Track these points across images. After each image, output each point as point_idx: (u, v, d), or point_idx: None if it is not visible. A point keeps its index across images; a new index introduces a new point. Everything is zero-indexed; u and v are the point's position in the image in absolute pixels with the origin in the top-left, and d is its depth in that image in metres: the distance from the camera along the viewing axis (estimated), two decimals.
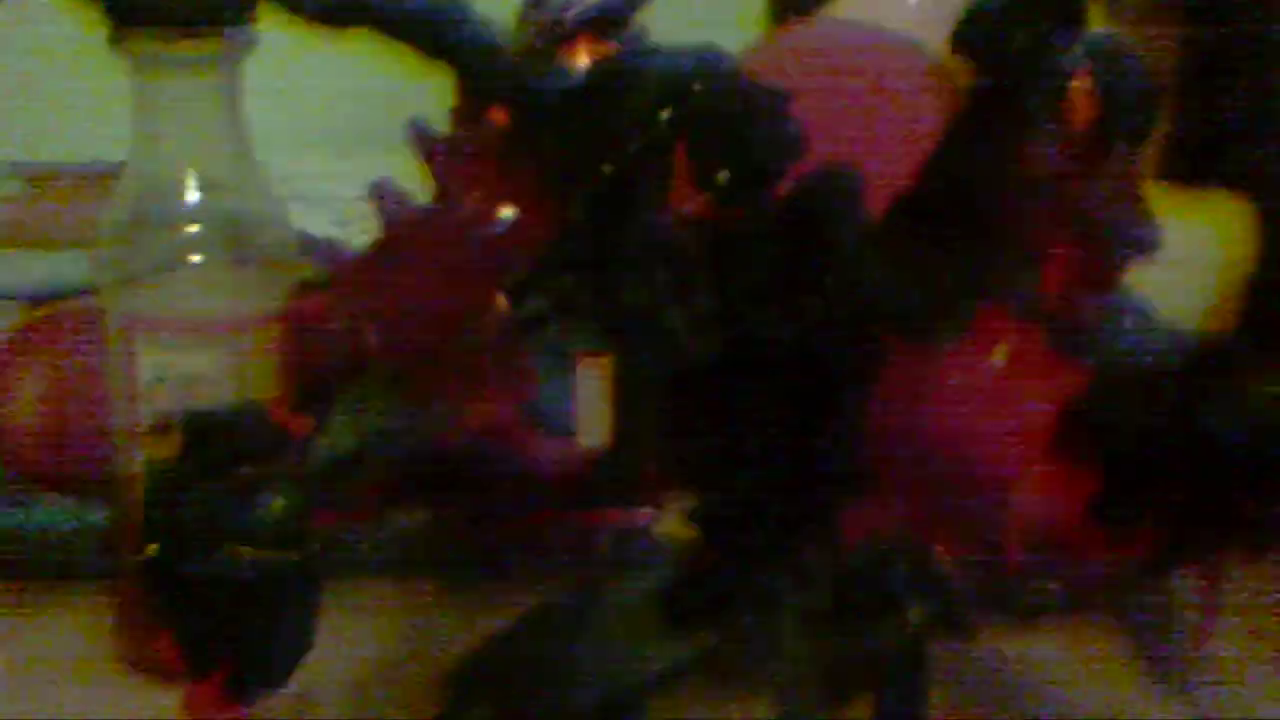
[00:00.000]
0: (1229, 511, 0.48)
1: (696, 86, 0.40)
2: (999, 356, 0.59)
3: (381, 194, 0.41)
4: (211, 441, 0.43)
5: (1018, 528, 0.51)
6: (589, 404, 0.68)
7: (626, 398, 0.69)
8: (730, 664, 0.43)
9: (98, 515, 0.69)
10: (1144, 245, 0.45)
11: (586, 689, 0.41)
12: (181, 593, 0.42)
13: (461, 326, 0.40)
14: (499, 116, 0.42)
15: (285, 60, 0.60)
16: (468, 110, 0.42)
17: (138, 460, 0.62)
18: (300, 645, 0.42)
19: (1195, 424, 0.47)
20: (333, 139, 0.96)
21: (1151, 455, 0.48)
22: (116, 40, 0.59)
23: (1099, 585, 0.68)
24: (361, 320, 0.42)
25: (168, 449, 0.61)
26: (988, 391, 0.64)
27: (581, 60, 0.65)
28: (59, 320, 0.71)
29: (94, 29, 0.58)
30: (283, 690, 0.43)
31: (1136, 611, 0.68)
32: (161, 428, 0.62)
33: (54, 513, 0.71)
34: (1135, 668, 0.67)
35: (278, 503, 0.42)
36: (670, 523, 0.71)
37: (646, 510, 0.71)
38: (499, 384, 0.40)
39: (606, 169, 0.40)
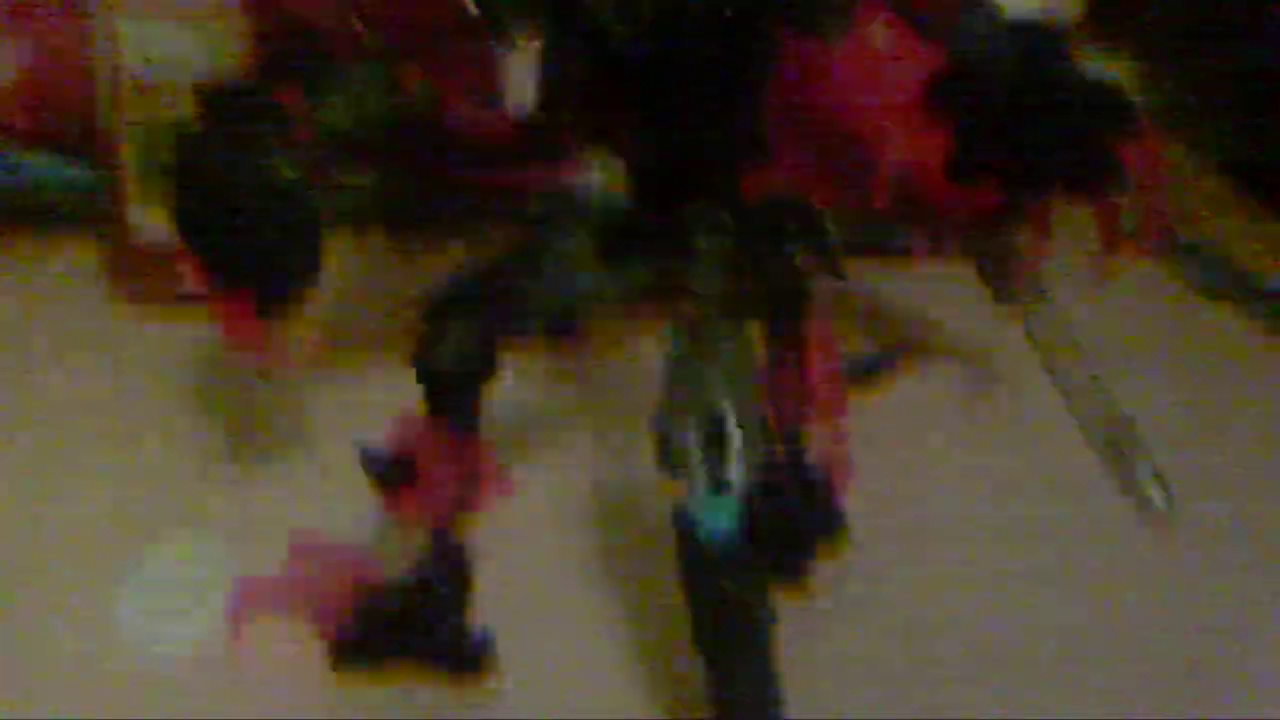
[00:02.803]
0: (1056, 166, 0.57)
1: None
2: (875, 37, 0.68)
3: None
4: (225, 111, 0.51)
5: (885, 183, 0.61)
6: (518, 77, 0.76)
7: (552, 71, 0.77)
8: (652, 294, 0.53)
9: (81, 170, 0.77)
10: None
11: (540, 310, 0.51)
12: (212, 232, 0.51)
13: (438, 23, 0.48)
14: None
15: None
16: None
17: (122, 122, 0.70)
18: (309, 271, 0.51)
19: (1032, 95, 0.56)
20: None
21: (996, 120, 0.57)
22: None
23: (954, 232, 0.78)
24: (349, 11, 0.49)
25: (149, 111, 0.69)
26: (864, 70, 0.73)
27: None
28: None
29: None
30: (292, 311, 0.52)
31: (984, 251, 0.79)
32: (145, 93, 0.70)
33: (42, 166, 0.78)
34: (983, 296, 0.77)
35: (287, 164, 0.50)
36: (588, 180, 0.80)
37: (568, 170, 0.80)
38: (470, 71, 0.49)
39: None
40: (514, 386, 0.53)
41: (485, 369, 0.50)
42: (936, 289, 0.77)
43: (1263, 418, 0.69)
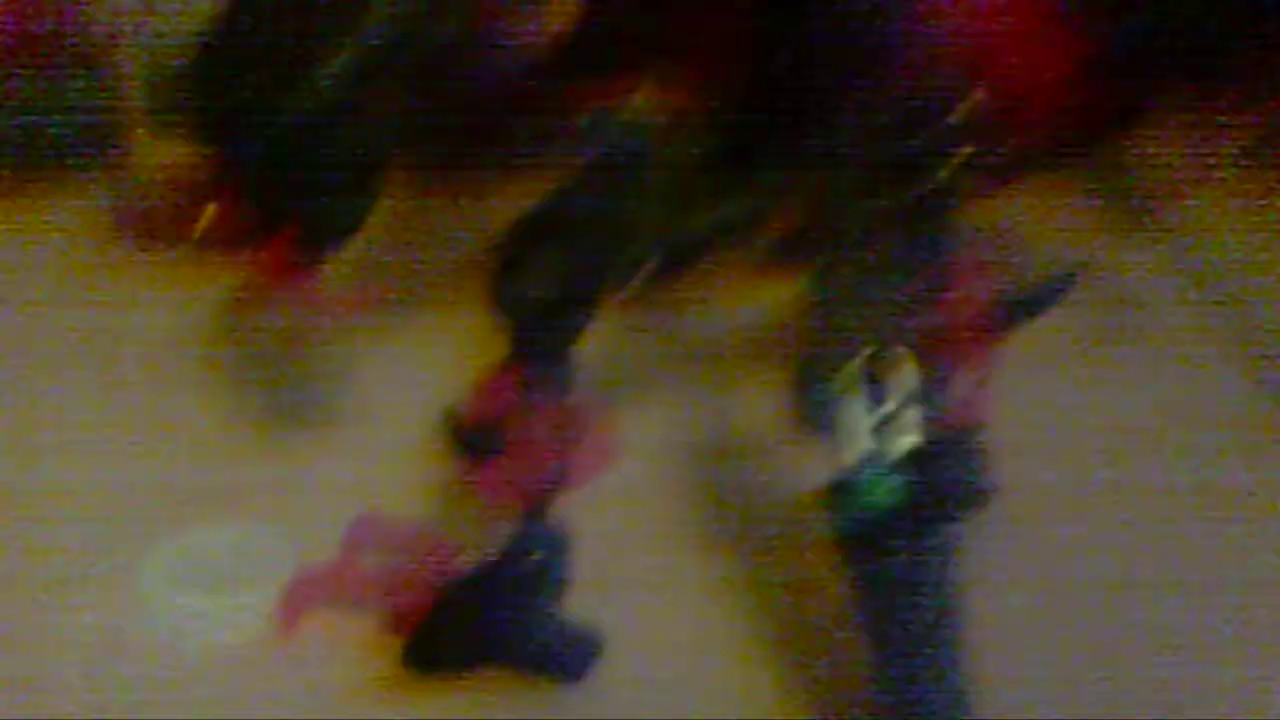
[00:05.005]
0: (1205, 64, 0.51)
1: None
2: None
3: None
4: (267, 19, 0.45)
5: (1006, 94, 0.54)
6: None
7: None
8: (772, 223, 0.46)
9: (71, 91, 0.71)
10: None
11: (645, 240, 0.44)
12: (253, 153, 0.44)
13: None
14: None
15: None
16: None
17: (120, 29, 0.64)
18: (358, 214, 0.45)
19: None
20: None
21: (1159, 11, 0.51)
22: None
23: (1076, 142, 0.72)
24: None
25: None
26: None
27: None
28: None
29: None
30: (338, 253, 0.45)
31: (1111, 169, 0.72)
32: None
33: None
34: (1105, 220, 0.71)
35: (329, 73, 0.43)
36: (639, 104, 0.74)
37: (619, 91, 0.74)
38: None
39: None
40: (604, 340, 0.45)
41: (578, 302, 0.42)
42: (1055, 211, 0.71)
43: None
